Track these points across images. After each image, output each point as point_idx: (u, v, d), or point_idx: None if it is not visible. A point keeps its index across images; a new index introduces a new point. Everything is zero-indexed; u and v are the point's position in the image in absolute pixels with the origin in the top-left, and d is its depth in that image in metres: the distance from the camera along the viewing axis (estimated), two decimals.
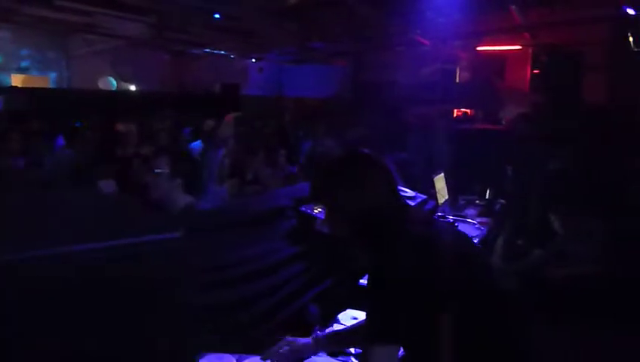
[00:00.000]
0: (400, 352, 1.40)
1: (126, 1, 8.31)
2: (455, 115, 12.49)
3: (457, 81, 14.38)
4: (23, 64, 12.21)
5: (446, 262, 1.38)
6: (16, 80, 11.70)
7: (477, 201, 4.00)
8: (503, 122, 9.86)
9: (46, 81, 12.54)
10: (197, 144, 5.09)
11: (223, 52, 13.75)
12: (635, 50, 7.87)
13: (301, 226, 2.45)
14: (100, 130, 5.69)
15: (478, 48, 12.47)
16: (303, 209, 2.49)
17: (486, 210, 3.77)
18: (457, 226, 3.09)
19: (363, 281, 2.27)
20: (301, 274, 2.23)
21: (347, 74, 14.84)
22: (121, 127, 5.38)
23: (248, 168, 3.79)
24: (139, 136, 5.22)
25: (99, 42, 12.52)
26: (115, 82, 12.83)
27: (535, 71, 13.01)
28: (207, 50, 13.37)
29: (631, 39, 7.89)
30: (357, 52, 13.32)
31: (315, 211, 2.48)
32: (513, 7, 8.74)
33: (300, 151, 6.03)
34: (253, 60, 14.85)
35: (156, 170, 2.86)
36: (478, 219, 3.41)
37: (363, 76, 14.19)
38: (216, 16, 9.33)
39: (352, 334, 1.81)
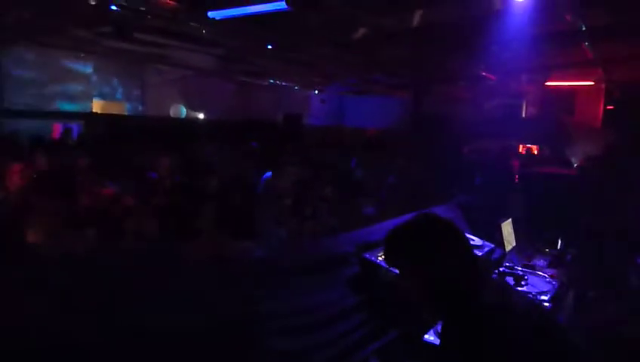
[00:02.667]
0: None
1: (197, 35, 8.72)
2: (520, 151, 12.10)
3: (523, 116, 13.98)
4: (103, 91, 13.05)
5: (521, 339, 1.33)
6: (96, 106, 12.52)
7: (547, 250, 3.80)
8: (574, 162, 9.40)
9: (122, 107, 13.32)
10: (268, 175, 5.12)
11: (286, 83, 14.12)
12: None
13: (364, 274, 2.41)
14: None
15: (547, 83, 12.09)
16: (367, 256, 2.45)
17: (557, 261, 3.57)
18: (527, 279, 2.94)
19: (427, 337, 2.19)
20: (362, 325, 2.18)
21: (408, 106, 14.79)
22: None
23: (308, 206, 3.80)
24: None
25: (170, 72, 13.22)
26: (184, 110, 13.44)
27: (608, 107, 12.45)
28: (272, 81, 13.78)
29: None
30: (419, 85, 13.28)
31: (379, 259, 2.44)
32: (586, 43, 8.41)
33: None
34: (316, 92, 15.14)
35: None
36: (549, 272, 3.23)
37: (424, 109, 14.09)
38: (281, 49, 9.61)
39: None
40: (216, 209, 2.88)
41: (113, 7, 6.84)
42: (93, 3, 6.72)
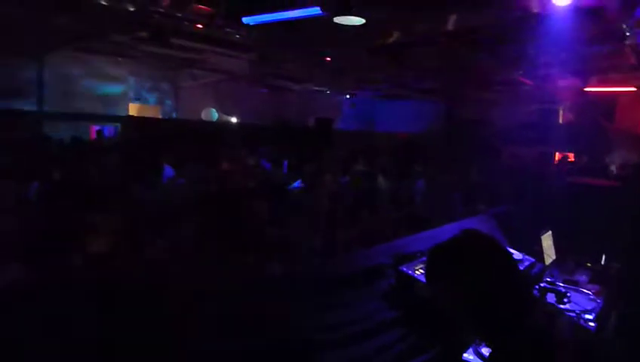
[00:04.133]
0: None
1: (231, 39, 8.79)
2: (557, 158, 11.79)
3: (560, 122, 13.62)
4: (139, 95, 13.34)
5: None
6: (133, 109, 12.80)
7: (588, 264, 3.66)
8: (614, 170, 9.09)
9: (157, 110, 13.58)
10: (297, 184, 5.11)
11: (317, 87, 14.13)
12: None
13: (400, 287, 2.35)
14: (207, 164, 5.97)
15: (586, 89, 11.73)
16: (404, 269, 2.39)
17: (599, 276, 3.42)
18: (569, 296, 2.83)
19: (467, 356, 2.12)
20: (399, 342, 2.12)
21: (440, 110, 14.61)
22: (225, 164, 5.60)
23: (344, 215, 3.74)
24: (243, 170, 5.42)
25: (204, 76, 13.40)
26: (216, 114, 13.60)
27: None
28: (303, 85, 13.82)
29: None
30: (452, 89, 13.09)
31: (416, 272, 2.38)
32: (628, 46, 8.12)
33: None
34: (347, 96, 15.11)
35: None
36: (592, 288, 3.10)
37: (457, 113, 13.87)
38: (314, 54, 9.63)
39: None
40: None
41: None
42: (132, 9, 6.86)
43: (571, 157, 12.36)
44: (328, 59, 10.11)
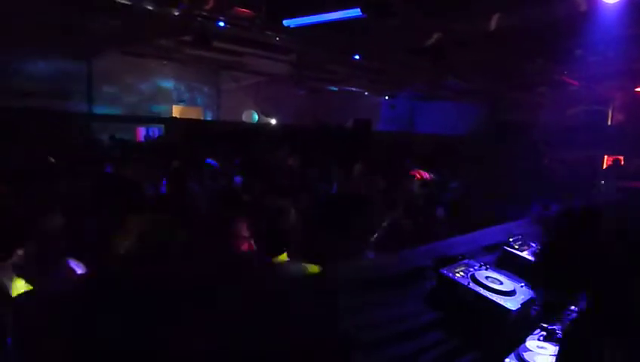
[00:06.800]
0: None
1: (271, 42, 8.90)
2: (608, 162, 11.35)
3: (609, 123, 13.13)
4: (182, 96, 13.71)
5: None
6: (176, 110, 13.16)
7: None
8: None
9: (199, 112, 13.92)
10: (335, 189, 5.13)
11: (356, 89, 14.13)
12: None
13: (441, 291, 2.33)
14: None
15: (638, 89, 11.26)
16: (444, 272, 2.36)
17: None
18: None
19: (508, 361, 2.07)
20: (439, 344, 2.10)
21: (482, 112, 14.34)
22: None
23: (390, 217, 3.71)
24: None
25: (244, 78, 13.63)
26: (256, 115, 13.81)
27: None
28: (342, 87, 13.83)
29: None
30: (495, 90, 12.82)
31: (457, 275, 2.35)
32: None
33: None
34: (386, 97, 15.03)
35: None
36: None
37: (501, 116, 13.58)
38: (355, 56, 9.64)
39: None
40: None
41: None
42: (177, 13, 7.05)
43: (621, 161, 11.89)
44: (367, 60, 10.09)
